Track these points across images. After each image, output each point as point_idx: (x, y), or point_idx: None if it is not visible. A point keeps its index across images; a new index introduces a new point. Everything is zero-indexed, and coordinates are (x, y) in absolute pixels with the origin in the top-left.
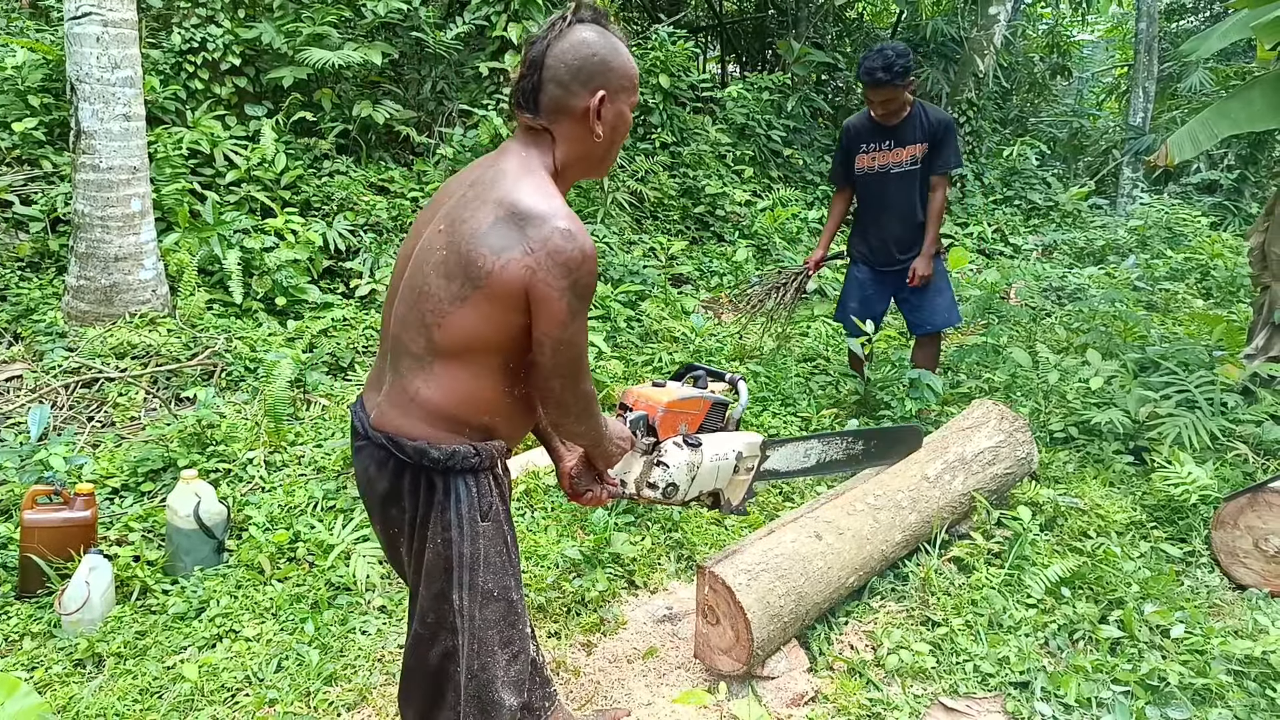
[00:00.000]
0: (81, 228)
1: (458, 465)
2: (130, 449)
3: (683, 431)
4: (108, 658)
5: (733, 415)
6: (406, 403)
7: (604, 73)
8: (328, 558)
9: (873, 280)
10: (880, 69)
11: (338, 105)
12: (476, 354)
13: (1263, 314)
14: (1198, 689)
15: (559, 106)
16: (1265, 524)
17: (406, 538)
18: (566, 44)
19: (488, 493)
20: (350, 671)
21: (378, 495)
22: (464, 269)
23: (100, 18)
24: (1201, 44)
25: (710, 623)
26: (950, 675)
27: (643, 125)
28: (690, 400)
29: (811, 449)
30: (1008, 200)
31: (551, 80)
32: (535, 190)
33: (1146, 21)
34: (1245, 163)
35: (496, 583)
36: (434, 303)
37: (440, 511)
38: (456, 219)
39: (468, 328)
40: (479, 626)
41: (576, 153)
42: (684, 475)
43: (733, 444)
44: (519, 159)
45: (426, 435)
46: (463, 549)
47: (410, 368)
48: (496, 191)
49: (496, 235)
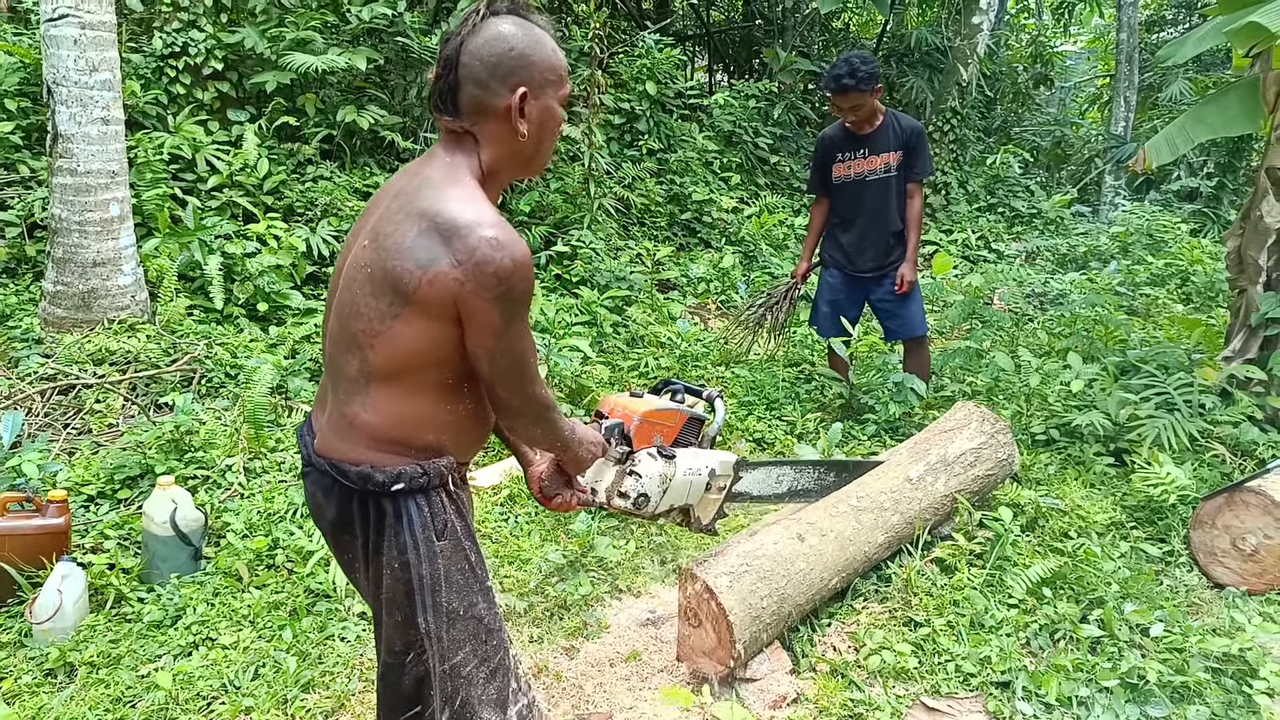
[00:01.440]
0: (59, 233)
1: (405, 487)
2: (107, 456)
3: (657, 443)
4: (80, 667)
5: (708, 432)
6: (346, 427)
7: (524, 68)
8: (306, 564)
9: (845, 286)
10: (846, 75)
11: (322, 110)
12: (413, 372)
13: (1239, 317)
14: (1176, 687)
15: (479, 107)
16: (1242, 523)
17: (362, 564)
18: (481, 39)
19: (441, 511)
20: (328, 678)
21: (328, 522)
22: (391, 285)
23: (78, 20)
24: (1177, 50)
25: (692, 625)
26: (932, 675)
27: (630, 132)
28: (667, 412)
29: (784, 475)
30: (991, 208)
31: (468, 79)
32: (460, 198)
33: (1127, 33)
34: (1224, 170)
35: (461, 601)
36: (365, 322)
37: (393, 535)
38: (381, 233)
39: (401, 346)
40: (449, 648)
41: (503, 154)
42: (656, 487)
43: (707, 461)
44: (443, 165)
45: (369, 459)
46: (421, 571)
47: (347, 390)
48: (420, 202)
49: (421, 248)
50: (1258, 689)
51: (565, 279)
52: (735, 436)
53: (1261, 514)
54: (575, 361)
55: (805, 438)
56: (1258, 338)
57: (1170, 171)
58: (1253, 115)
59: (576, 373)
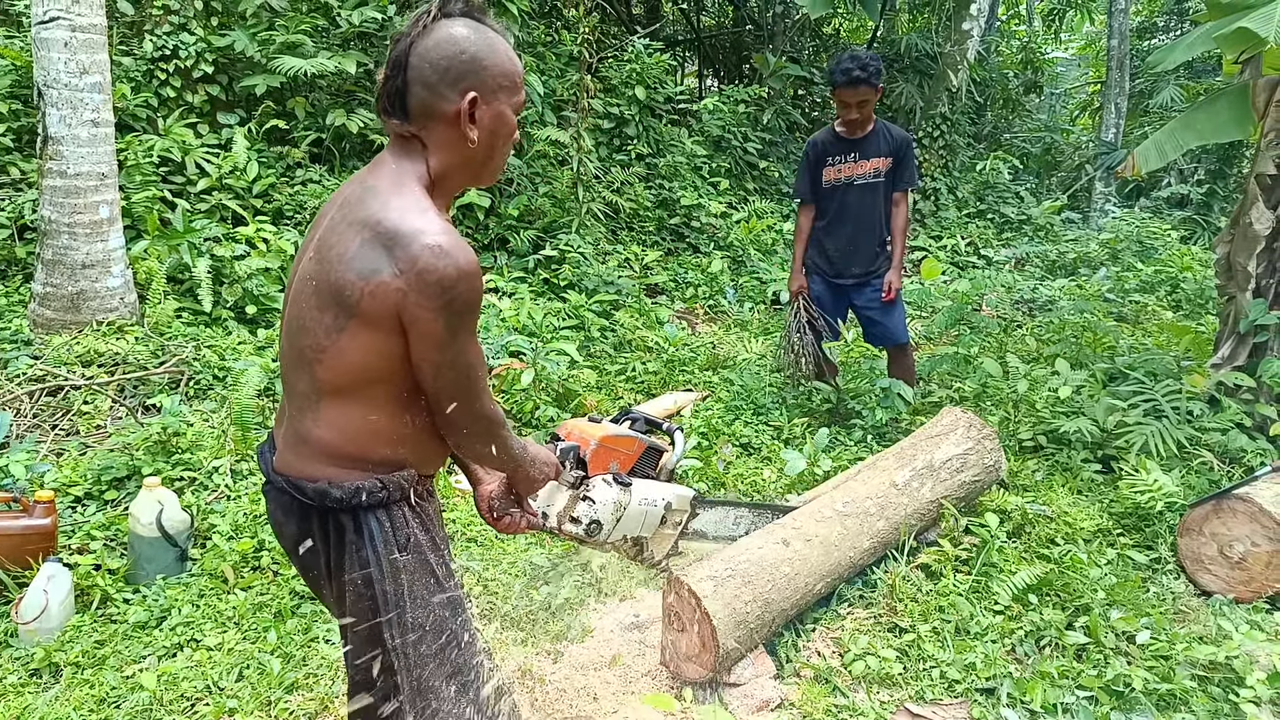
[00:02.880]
0: (48, 234)
1: (364, 502)
2: (94, 457)
3: (613, 470)
4: (65, 667)
5: (666, 465)
6: (300, 443)
7: (475, 72)
8: (291, 567)
9: (828, 292)
10: (857, 69)
11: (311, 114)
12: (363, 387)
13: (1228, 324)
14: (1162, 694)
15: (427, 111)
16: (1229, 530)
17: (325, 581)
18: (432, 41)
19: (403, 525)
20: (312, 680)
21: (290, 539)
22: (335, 298)
23: (68, 23)
24: (1167, 56)
25: (677, 629)
26: (917, 681)
27: (619, 136)
28: (625, 439)
29: (742, 517)
30: (981, 214)
31: (417, 82)
32: (404, 206)
33: (1118, 39)
34: (1214, 177)
35: (426, 616)
36: (312, 337)
37: (355, 551)
38: (325, 244)
39: (349, 360)
40: (416, 664)
41: (451, 160)
42: (609, 514)
43: (663, 493)
44: (389, 172)
45: (327, 475)
46: (385, 587)
47: (300, 407)
48: (363, 211)
49: (363, 258)
50: (1244, 697)
51: (553, 283)
52: (722, 440)
53: (1249, 521)
54: (562, 366)
55: (792, 443)
56: (1246, 345)
57: (1161, 178)
58: (1242, 121)
59: (564, 377)
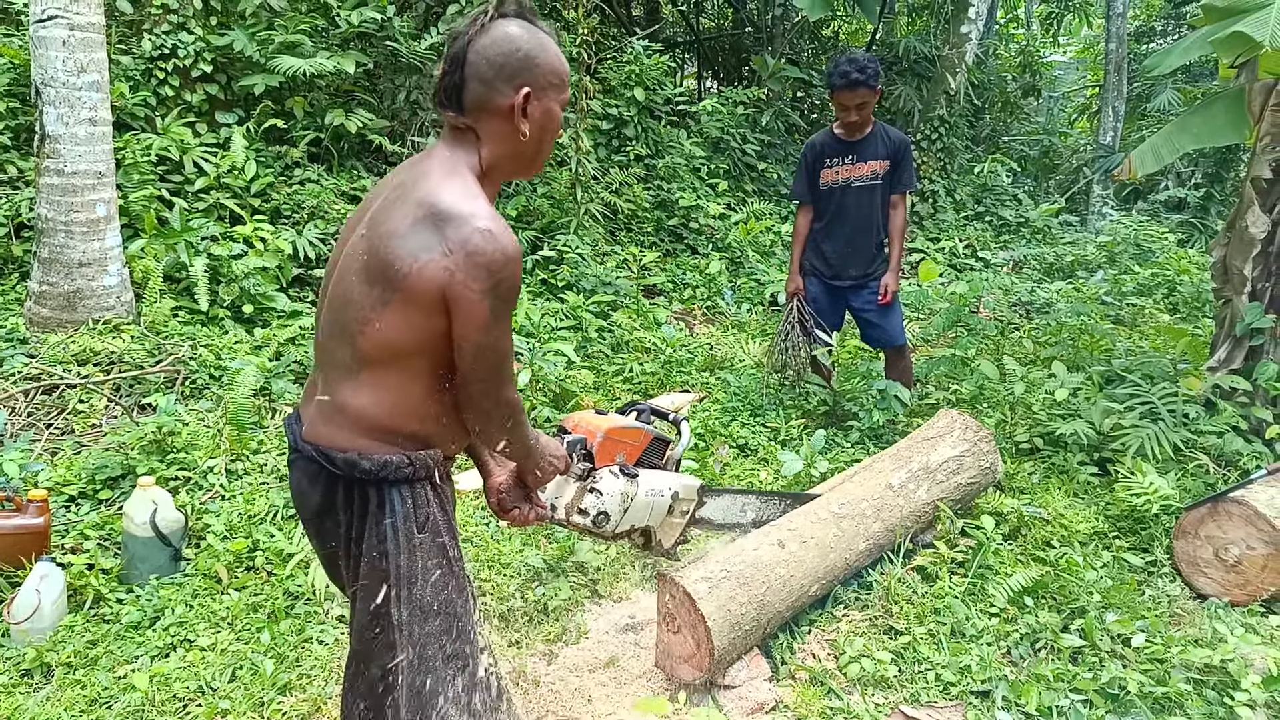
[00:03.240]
0: (45, 233)
1: (390, 476)
2: (89, 456)
3: (620, 461)
4: (57, 667)
5: (673, 455)
6: (335, 413)
7: (529, 69)
8: (286, 567)
9: (825, 294)
10: (856, 71)
11: (310, 113)
12: (403, 360)
13: (1225, 327)
14: (1157, 697)
15: (482, 104)
16: (1225, 533)
17: (343, 552)
18: (489, 39)
19: (424, 503)
20: (305, 681)
21: (311, 510)
22: (383, 273)
23: (66, 21)
24: (1163, 60)
25: (671, 631)
26: (912, 684)
27: (618, 138)
28: (631, 430)
29: (749, 504)
30: (979, 216)
31: (474, 77)
32: (456, 190)
33: (1116, 43)
34: (1212, 181)
35: (436, 596)
36: (357, 310)
37: (375, 524)
38: (377, 222)
39: (391, 334)
40: (419, 641)
41: (503, 151)
42: (617, 505)
43: (670, 483)
44: (443, 159)
45: (357, 446)
46: (399, 562)
47: (338, 378)
48: (417, 192)
49: (415, 237)
50: (1239, 700)
51: (551, 283)
52: (719, 442)
53: (1244, 524)
54: (560, 366)
55: (789, 444)
56: (1243, 348)
57: (1158, 181)
58: (1238, 125)
59: (561, 377)
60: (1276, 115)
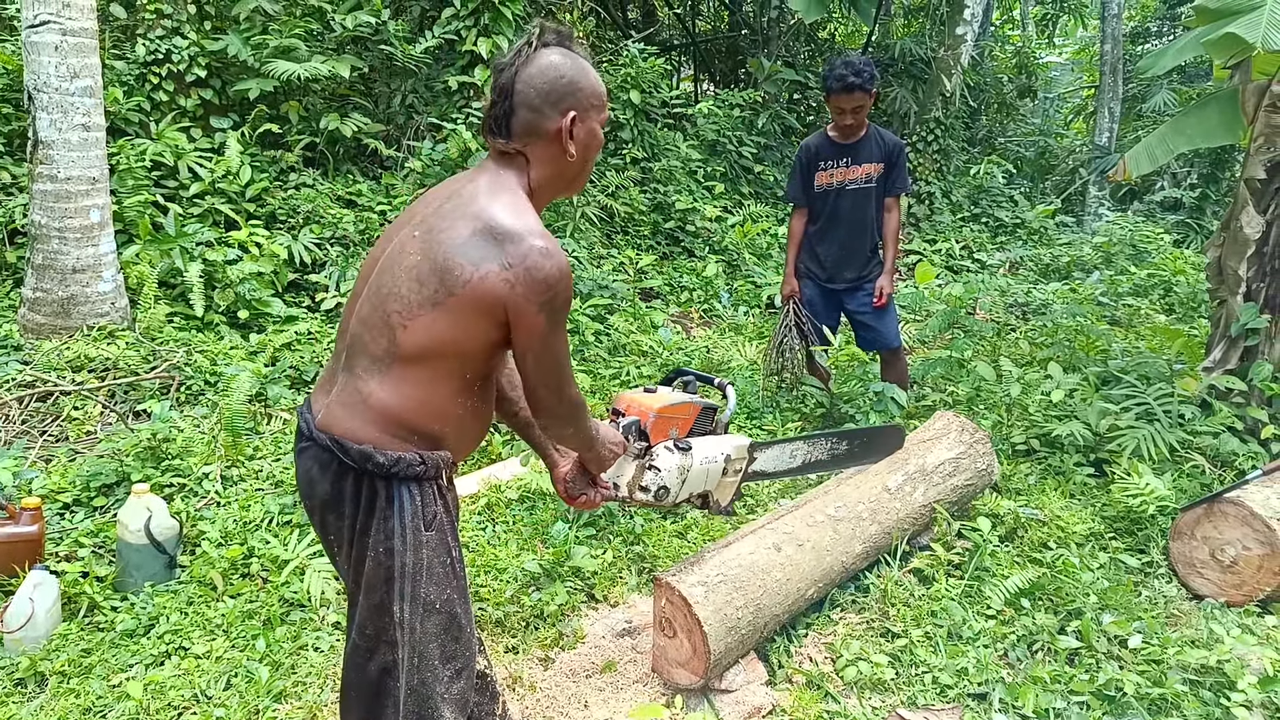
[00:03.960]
0: (39, 239)
1: (402, 472)
2: (83, 463)
3: (673, 436)
4: (50, 676)
5: (721, 419)
6: (358, 403)
7: (573, 93)
8: (282, 573)
9: (820, 297)
10: (852, 74)
11: (305, 118)
12: (437, 360)
13: (1220, 328)
14: (1154, 699)
15: (532, 130)
16: (1221, 534)
17: (346, 544)
18: (534, 69)
19: (432, 502)
20: (301, 689)
21: (318, 499)
22: (439, 275)
23: (59, 26)
24: (1157, 61)
25: (667, 635)
26: (909, 687)
27: (614, 141)
28: (680, 405)
29: (797, 450)
30: (975, 218)
31: (523, 105)
32: (512, 209)
33: (1111, 44)
34: (1207, 181)
35: (439, 594)
36: (402, 304)
37: (383, 519)
38: (434, 228)
39: (434, 332)
40: (419, 639)
41: (551, 172)
42: (675, 478)
43: (722, 447)
44: (495, 178)
45: (373, 439)
46: (405, 559)
47: (367, 368)
48: (474, 206)
49: (474, 248)
50: (1235, 701)
51: None
52: None
53: (1240, 525)
54: None
55: None
56: (1238, 348)
57: (1154, 182)
58: (1232, 126)
59: None
60: (1270, 116)
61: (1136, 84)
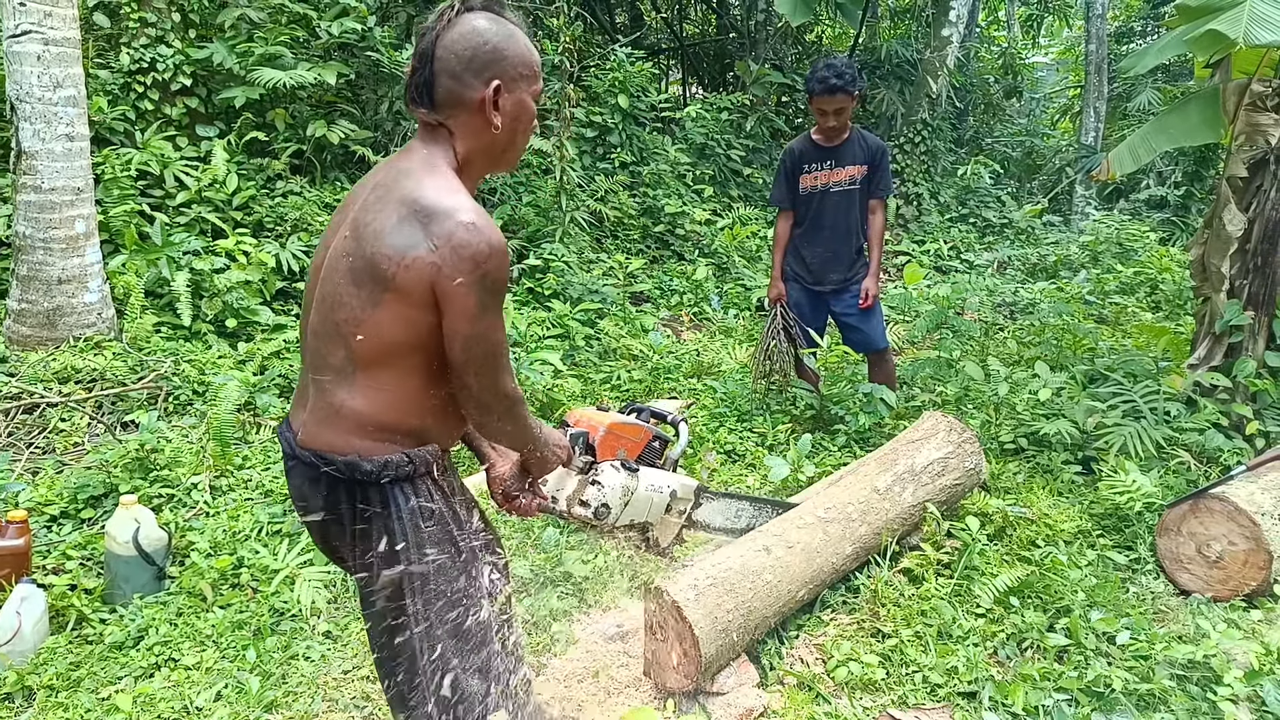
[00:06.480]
0: (23, 250)
1: (391, 475)
2: (70, 475)
3: (621, 456)
4: (38, 690)
5: (671, 454)
6: (332, 416)
7: (498, 61)
8: (272, 583)
9: (807, 300)
10: (834, 76)
11: (291, 125)
12: (397, 358)
13: (1204, 325)
14: (1142, 694)
15: (453, 99)
16: (1207, 530)
17: (349, 550)
18: (456, 33)
19: (427, 497)
20: (291, 699)
21: (315, 513)
22: (371, 273)
23: (41, 36)
24: (1139, 60)
25: (659, 639)
26: (899, 687)
27: (602, 145)
28: (632, 427)
29: (743, 510)
30: (963, 218)
31: (443, 72)
32: (437, 187)
33: (1096, 44)
34: (1192, 179)
35: (449, 585)
36: (348, 311)
37: (382, 522)
38: (360, 223)
39: (384, 333)
40: (434, 626)
41: (476, 146)
42: (617, 498)
43: (669, 481)
44: (420, 157)
45: (356, 448)
46: (409, 556)
47: (332, 380)
48: (398, 191)
49: (400, 235)
50: (1222, 695)
51: (537, 292)
52: (706, 448)
53: (1225, 521)
54: (546, 375)
55: (776, 449)
56: (1222, 345)
57: (1140, 180)
58: (1214, 124)
59: (548, 386)
60: (1250, 114)
61: (1121, 83)
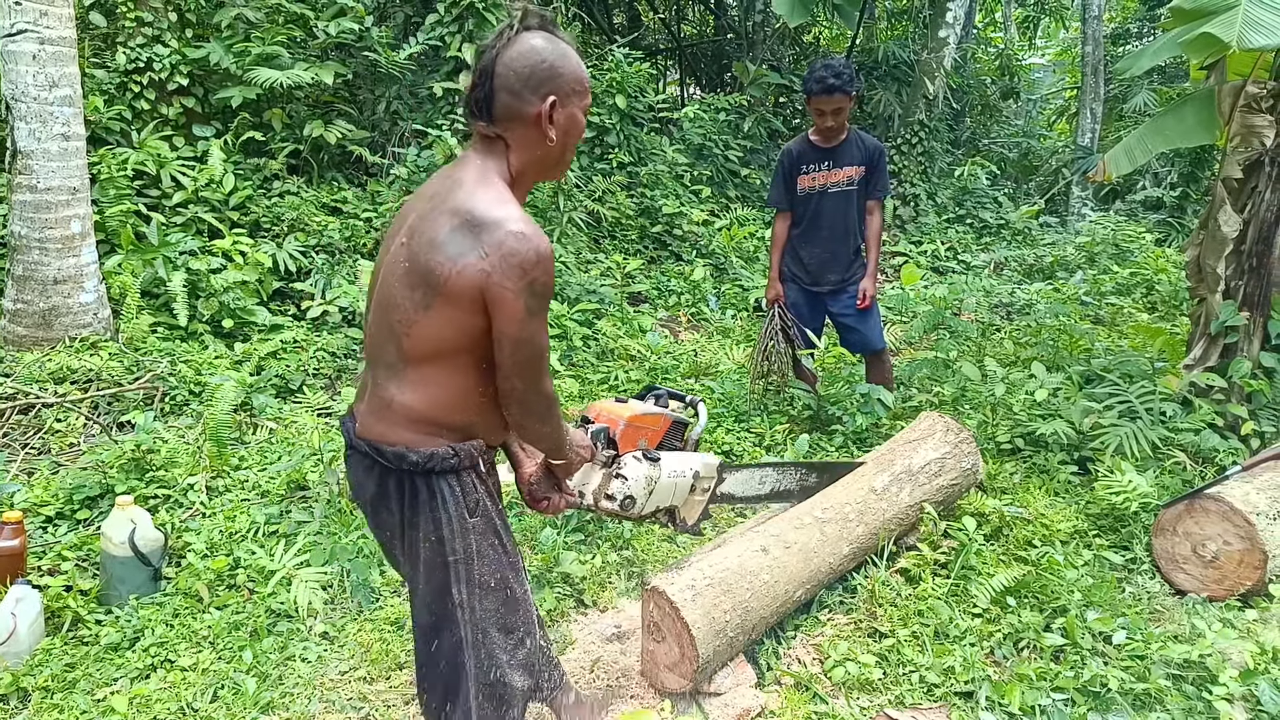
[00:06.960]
0: (18, 250)
1: (437, 467)
2: (66, 476)
3: (642, 446)
4: (34, 692)
5: (691, 435)
6: (384, 409)
7: (554, 78)
8: (268, 584)
9: (804, 300)
10: (831, 76)
11: (288, 125)
12: (446, 357)
13: (1200, 326)
14: (1138, 694)
15: (511, 114)
16: (1202, 530)
17: (399, 539)
18: (515, 52)
19: (472, 490)
20: (288, 700)
21: (368, 500)
22: (424, 278)
23: (36, 35)
24: (1134, 62)
25: (656, 640)
26: (896, 687)
27: (600, 145)
28: (651, 416)
29: (766, 476)
30: (960, 219)
31: (503, 88)
32: (489, 197)
33: (1093, 45)
34: (1188, 180)
35: (492, 574)
36: (401, 313)
37: (429, 512)
38: (416, 231)
39: (434, 334)
40: (480, 618)
41: (531, 158)
42: (642, 489)
43: (691, 463)
44: (475, 168)
45: (405, 440)
46: (455, 546)
47: (386, 376)
48: (452, 201)
49: (453, 243)
50: (1217, 694)
51: None
52: (704, 448)
53: (1221, 521)
54: None
55: (773, 449)
56: (1217, 346)
57: (1136, 181)
58: (1209, 126)
59: None
60: (1245, 115)
61: (1117, 85)
